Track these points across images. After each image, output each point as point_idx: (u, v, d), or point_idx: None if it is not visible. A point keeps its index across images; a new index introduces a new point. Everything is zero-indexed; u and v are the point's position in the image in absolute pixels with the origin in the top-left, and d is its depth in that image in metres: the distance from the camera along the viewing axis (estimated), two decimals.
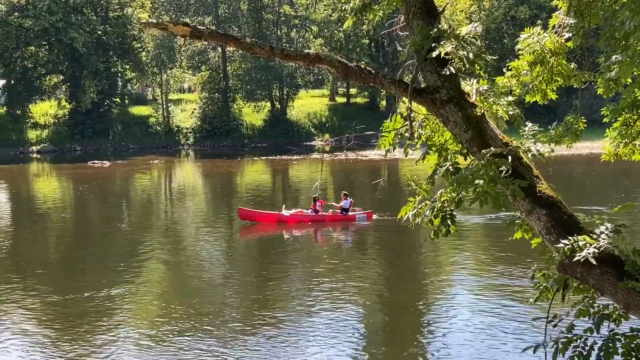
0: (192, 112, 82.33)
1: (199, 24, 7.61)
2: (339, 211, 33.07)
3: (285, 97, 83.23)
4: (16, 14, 74.61)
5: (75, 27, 74.05)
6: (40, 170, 65.50)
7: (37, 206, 41.71)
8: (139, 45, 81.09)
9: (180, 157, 73.15)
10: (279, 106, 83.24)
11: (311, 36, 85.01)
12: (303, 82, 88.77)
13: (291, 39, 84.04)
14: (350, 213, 32.79)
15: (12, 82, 78.49)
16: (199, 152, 75.75)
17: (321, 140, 78.17)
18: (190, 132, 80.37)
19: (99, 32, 76.72)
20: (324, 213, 33.06)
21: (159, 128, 79.93)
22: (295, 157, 66.06)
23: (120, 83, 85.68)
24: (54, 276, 24.79)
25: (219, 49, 79.89)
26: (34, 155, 73.29)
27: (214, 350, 16.65)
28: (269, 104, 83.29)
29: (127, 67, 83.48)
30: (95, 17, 78.47)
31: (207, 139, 79.51)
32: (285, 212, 32.78)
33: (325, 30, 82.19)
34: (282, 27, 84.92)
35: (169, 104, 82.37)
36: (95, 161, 63.44)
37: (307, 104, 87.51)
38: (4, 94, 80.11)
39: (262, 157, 67.37)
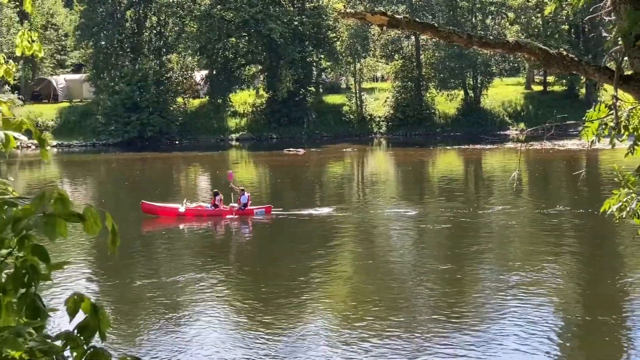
0: (385, 101, 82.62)
1: (393, 13, 7.57)
2: (236, 205, 32.61)
3: (479, 85, 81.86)
4: (219, 6, 77.85)
5: (274, 18, 76.22)
6: (239, 157, 68.17)
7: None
8: (334, 35, 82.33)
9: (372, 146, 73.77)
10: (472, 95, 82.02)
11: (507, 23, 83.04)
12: (498, 70, 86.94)
13: (486, 26, 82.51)
14: (250, 207, 32.57)
15: (214, 72, 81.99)
16: (391, 140, 76.05)
17: (516, 130, 76.28)
18: (382, 121, 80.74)
19: (296, 23, 78.55)
20: (223, 207, 32.63)
21: (352, 117, 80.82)
22: (488, 146, 64.91)
23: (315, 72, 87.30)
24: (247, 261, 25.72)
25: (413, 37, 79.69)
26: (234, 142, 76.21)
27: (405, 345, 16.66)
28: (462, 92, 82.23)
29: (322, 56, 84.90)
30: (292, 8, 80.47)
31: (399, 128, 79.56)
32: (182, 207, 32.45)
33: (522, 17, 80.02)
34: (477, 14, 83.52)
35: (362, 93, 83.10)
36: (290, 149, 65.05)
37: (502, 93, 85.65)
38: (207, 84, 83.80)
39: (454, 147, 66.70)
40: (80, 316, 3.25)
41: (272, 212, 32.81)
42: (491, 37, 7.78)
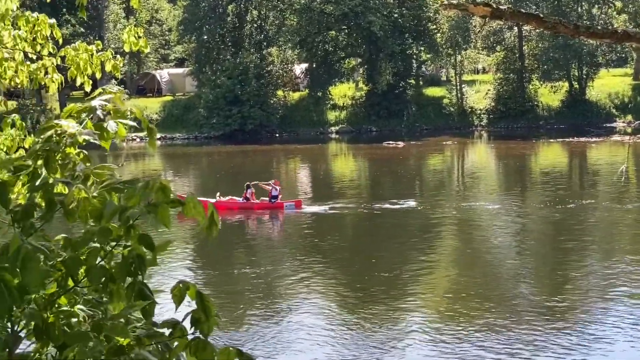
0: (486, 93, 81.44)
1: (496, 4, 7.42)
2: (267, 199, 33.09)
3: (584, 76, 79.78)
4: (318, 0, 78.18)
5: (373, 11, 76.03)
6: (338, 150, 68.36)
7: (334, 184, 43.52)
8: (434, 27, 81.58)
9: (473, 139, 72.85)
10: (577, 86, 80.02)
11: (614, 12, 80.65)
12: (604, 60, 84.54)
13: (592, 16, 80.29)
14: (279, 201, 32.90)
15: (314, 65, 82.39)
16: (492, 133, 74.93)
17: (623, 122, 74.10)
18: (483, 114, 79.61)
19: (395, 15, 78.18)
20: (254, 201, 33.10)
21: (452, 109, 79.98)
22: (593, 139, 63.18)
23: (415, 65, 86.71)
24: (335, 254, 25.78)
25: (515, 28, 78.22)
26: (333, 135, 76.44)
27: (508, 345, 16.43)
28: (566, 84, 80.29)
29: (422, 48, 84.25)
30: (392, 1, 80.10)
31: (500, 120, 78.23)
32: (214, 200, 32.10)
33: (630, 6, 77.60)
34: (583, 3, 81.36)
35: (463, 85, 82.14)
36: (390, 142, 64.82)
37: (608, 84, 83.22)
38: (306, 77, 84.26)
39: (558, 139, 65.21)
40: (184, 306, 3.30)
41: (302, 206, 33.38)
42: (599, 27, 7.56)
